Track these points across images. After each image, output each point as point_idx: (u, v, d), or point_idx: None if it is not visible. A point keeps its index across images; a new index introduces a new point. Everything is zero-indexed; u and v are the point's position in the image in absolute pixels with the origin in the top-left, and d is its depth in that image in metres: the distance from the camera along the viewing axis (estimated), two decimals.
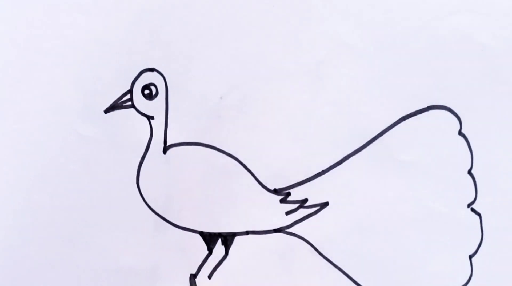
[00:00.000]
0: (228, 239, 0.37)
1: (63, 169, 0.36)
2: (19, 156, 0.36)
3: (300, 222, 0.36)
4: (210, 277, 0.37)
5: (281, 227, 0.37)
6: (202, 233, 0.37)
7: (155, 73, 0.36)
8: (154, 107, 0.36)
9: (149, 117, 0.36)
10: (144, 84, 0.36)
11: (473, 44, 0.36)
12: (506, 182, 0.36)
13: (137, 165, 0.36)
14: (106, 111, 0.36)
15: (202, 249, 0.37)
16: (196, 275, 0.37)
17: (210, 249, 0.37)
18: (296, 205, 0.36)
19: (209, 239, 0.37)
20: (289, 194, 0.36)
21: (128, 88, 0.36)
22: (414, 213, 0.36)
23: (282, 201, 0.36)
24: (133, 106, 0.36)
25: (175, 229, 0.37)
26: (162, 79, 0.36)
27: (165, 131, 0.36)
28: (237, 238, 0.37)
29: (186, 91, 0.36)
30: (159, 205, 0.36)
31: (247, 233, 0.37)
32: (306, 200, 0.36)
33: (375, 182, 0.36)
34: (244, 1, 0.36)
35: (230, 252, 0.37)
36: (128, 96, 0.36)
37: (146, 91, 0.36)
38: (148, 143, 0.36)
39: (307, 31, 0.36)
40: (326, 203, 0.36)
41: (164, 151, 0.36)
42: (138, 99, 0.36)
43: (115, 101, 0.36)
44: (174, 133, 0.36)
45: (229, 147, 0.36)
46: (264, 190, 0.36)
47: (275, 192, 0.36)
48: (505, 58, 0.36)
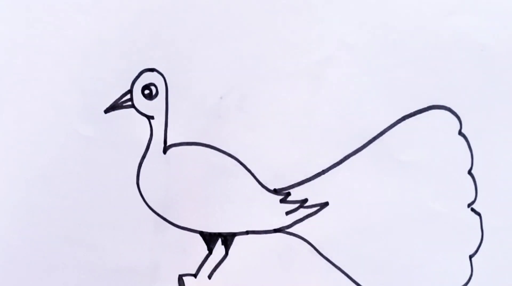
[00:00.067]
0: (228, 239, 0.37)
1: (63, 169, 0.36)
2: (19, 156, 0.36)
3: (300, 222, 0.36)
4: (210, 277, 0.37)
5: (281, 227, 0.37)
6: (202, 233, 0.37)
7: (155, 73, 0.36)
8: (154, 107, 0.36)
9: (149, 117, 0.36)
10: (144, 84, 0.36)
11: (473, 44, 0.36)
12: (506, 182, 0.36)
13: (137, 165, 0.36)
14: (106, 111, 0.36)
15: (202, 249, 0.37)
16: (196, 275, 0.37)
17: (210, 249, 0.37)
18: (296, 205, 0.36)
19: (209, 239, 0.37)
20: (289, 194, 0.36)
21: (128, 88, 0.36)
22: (414, 213, 0.36)
23: (282, 201, 0.36)
24: (133, 106, 0.36)
25: (175, 229, 0.37)
26: (162, 79, 0.36)
27: (165, 131, 0.36)
28: (237, 238, 0.37)
29: (186, 91, 0.36)
30: (159, 205, 0.36)
31: (247, 233, 0.37)
32: (306, 200, 0.36)
33: (375, 182, 0.36)
34: (244, 1, 0.36)
35: (230, 252, 0.37)
36: (128, 96, 0.36)
37: (146, 91, 0.36)
38: (148, 143, 0.36)
39: (307, 31, 0.36)
40: (326, 203, 0.36)
41: (164, 151, 0.36)
42: (138, 99, 0.36)
43: (115, 101, 0.36)
44: (174, 133, 0.36)
45: (229, 147, 0.36)
46: (264, 190, 0.36)
47: (275, 192, 0.36)
48: (505, 58, 0.36)
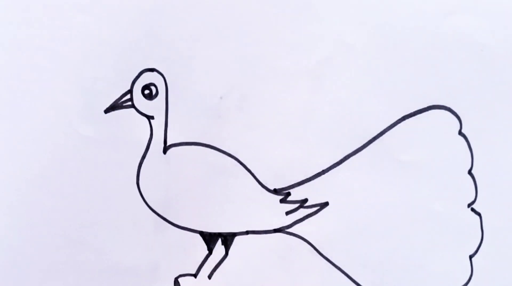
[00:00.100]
0: (228, 239, 0.37)
1: (63, 169, 0.36)
2: (19, 156, 0.36)
3: (300, 222, 0.36)
4: (210, 277, 0.37)
5: (281, 227, 0.37)
6: (202, 233, 0.37)
7: (155, 73, 0.36)
8: (154, 107, 0.36)
9: (149, 117, 0.36)
10: (144, 84, 0.36)
11: (473, 44, 0.36)
12: (506, 182, 0.36)
13: (137, 165, 0.36)
14: (106, 111, 0.36)
15: (202, 249, 0.37)
16: (196, 275, 0.37)
17: (210, 249, 0.37)
18: (296, 205, 0.36)
19: (209, 239, 0.37)
20: (289, 194, 0.36)
21: (128, 88, 0.36)
22: (414, 213, 0.36)
23: (282, 201, 0.36)
24: (133, 106, 0.36)
25: (175, 229, 0.37)
26: (162, 79, 0.36)
27: (165, 131, 0.36)
28: (237, 238, 0.37)
29: (186, 91, 0.36)
30: (159, 205, 0.36)
31: (247, 233, 0.37)
32: (306, 200, 0.36)
33: (375, 182, 0.36)
34: (244, 1, 0.36)
35: (230, 252, 0.37)
36: (128, 96, 0.36)
37: (146, 91, 0.36)
38: (148, 143, 0.36)
39: (307, 31, 0.36)
40: (326, 203, 0.36)
41: (164, 151, 0.36)
42: (138, 99, 0.36)
43: (115, 101, 0.36)
44: (174, 133, 0.36)
45: (229, 147, 0.36)
46: (264, 190, 0.36)
47: (275, 192, 0.36)
48: (505, 58, 0.36)
